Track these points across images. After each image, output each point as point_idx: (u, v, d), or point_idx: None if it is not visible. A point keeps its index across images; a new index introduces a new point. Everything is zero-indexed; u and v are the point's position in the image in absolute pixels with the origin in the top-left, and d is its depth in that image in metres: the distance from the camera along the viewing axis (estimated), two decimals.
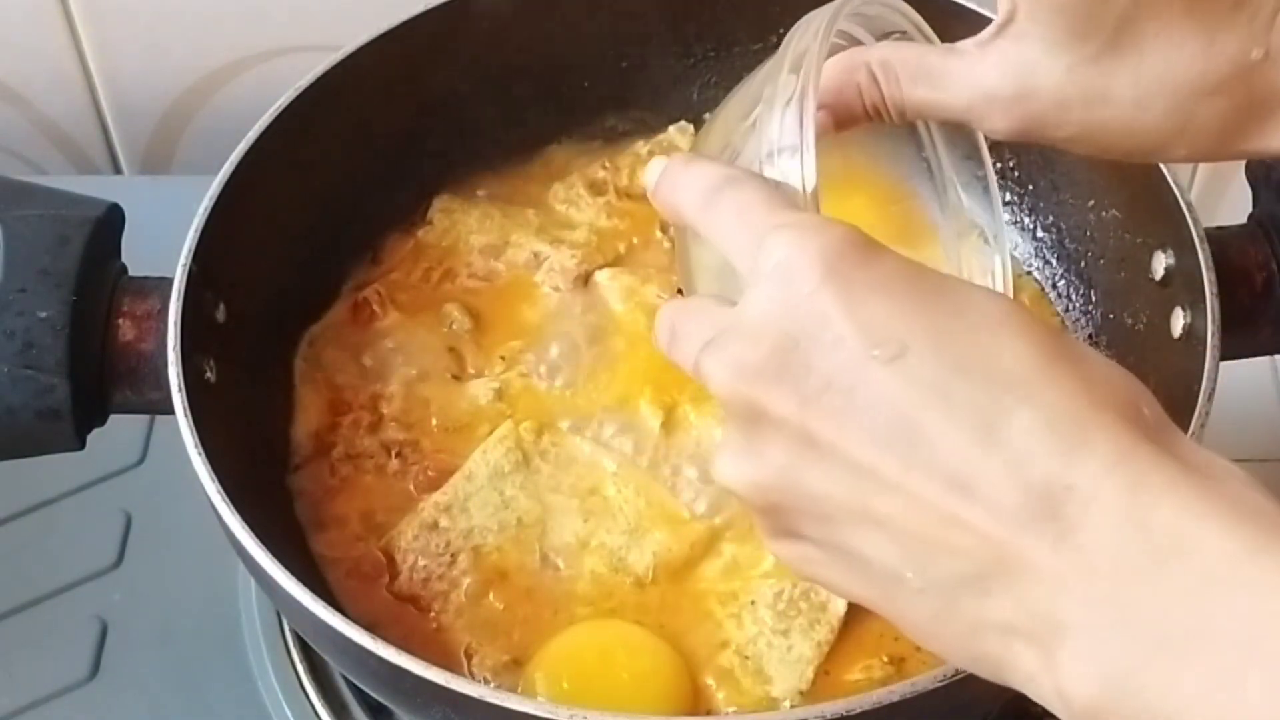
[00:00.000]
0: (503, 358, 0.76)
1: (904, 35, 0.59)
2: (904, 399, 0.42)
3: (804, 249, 0.45)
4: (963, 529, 0.41)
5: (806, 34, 0.53)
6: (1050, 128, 0.56)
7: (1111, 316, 0.77)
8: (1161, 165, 0.70)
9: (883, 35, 0.59)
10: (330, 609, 0.59)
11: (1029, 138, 0.57)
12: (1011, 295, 0.66)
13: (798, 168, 0.51)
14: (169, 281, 0.67)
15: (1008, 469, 0.41)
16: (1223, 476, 0.41)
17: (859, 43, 0.59)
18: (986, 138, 0.62)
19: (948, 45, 0.57)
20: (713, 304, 0.49)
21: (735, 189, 0.50)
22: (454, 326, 0.78)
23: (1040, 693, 0.42)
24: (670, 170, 0.53)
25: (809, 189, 0.50)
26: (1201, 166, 1.07)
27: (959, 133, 0.63)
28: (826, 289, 0.44)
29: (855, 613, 0.66)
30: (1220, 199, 1.06)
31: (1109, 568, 0.39)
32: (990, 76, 0.56)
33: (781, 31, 0.55)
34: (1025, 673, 0.42)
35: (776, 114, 0.52)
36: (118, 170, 1.10)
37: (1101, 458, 0.40)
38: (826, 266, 0.44)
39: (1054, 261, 0.81)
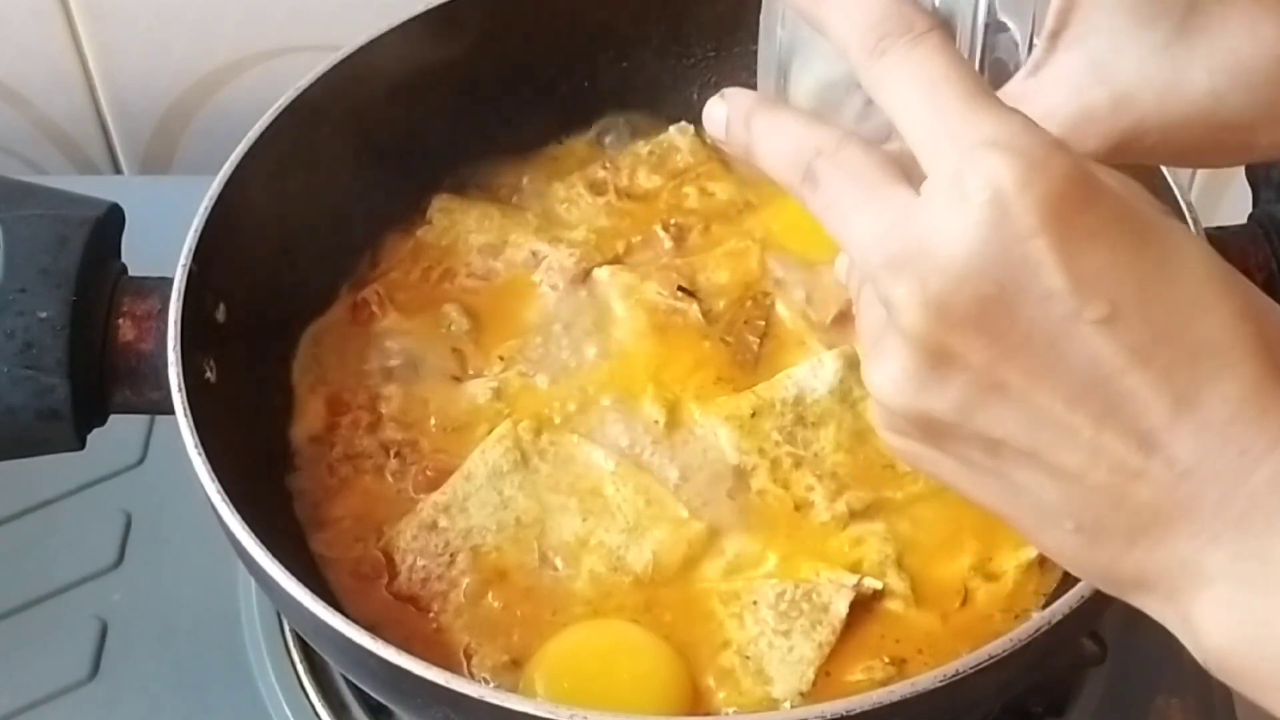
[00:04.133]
0: (501, 357, 0.76)
1: None
2: (1107, 360, 0.42)
3: (1029, 186, 0.41)
4: (1139, 486, 0.43)
5: None
6: (1130, 138, 0.53)
7: None
8: (1161, 165, 0.70)
9: None
10: (330, 609, 0.59)
11: (1119, 154, 0.53)
12: None
13: None
14: (169, 281, 0.67)
15: (1195, 434, 0.42)
16: None
17: None
18: None
19: (1004, 91, 0.54)
20: (881, 173, 0.45)
21: (918, 47, 0.45)
22: (453, 326, 0.78)
23: (1168, 623, 0.45)
24: None
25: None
26: None
27: None
28: (1045, 237, 0.41)
29: (857, 614, 0.67)
30: (1220, 199, 1.06)
31: (1263, 526, 0.42)
32: (1064, 100, 0.52)
33: None
34: (1156, 605, 0.44)
35: None
36: (118, 170, 1.10)
37: (1277, 426, 0.42)
38: (1048, 211, 0.41)
39: None
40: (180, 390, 0.64)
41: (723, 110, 0.50)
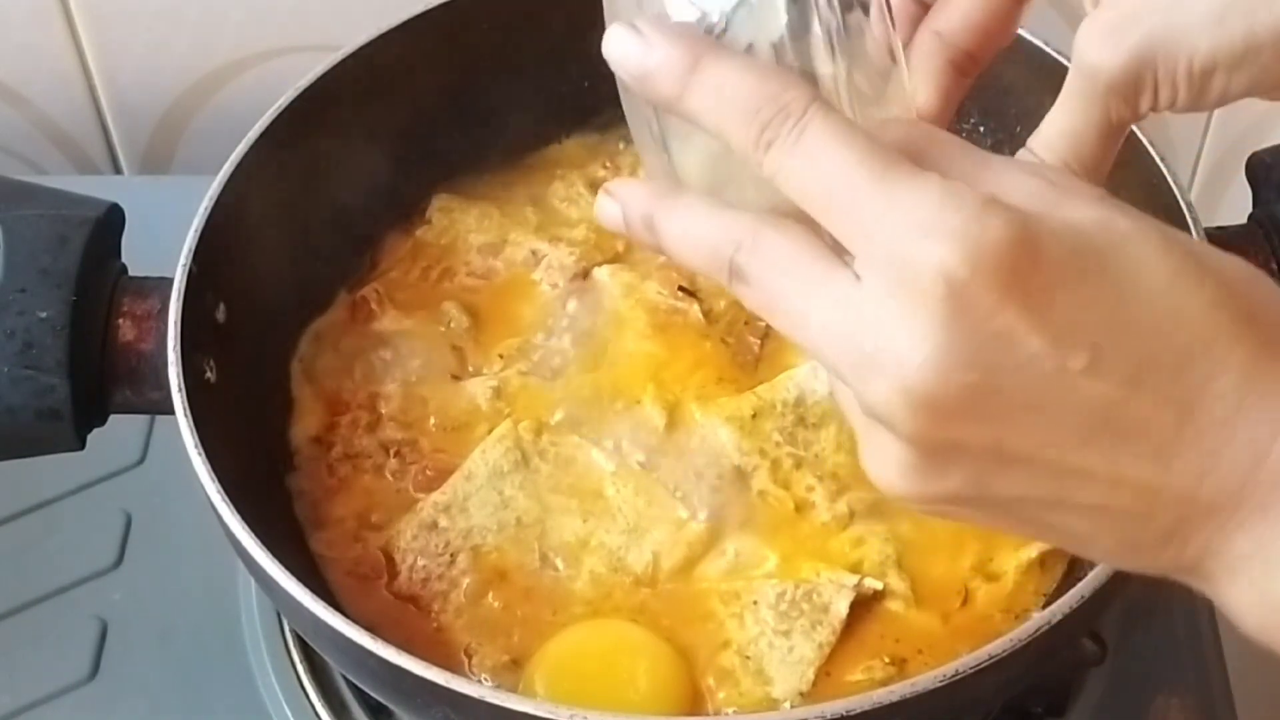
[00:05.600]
0: (501, 356, 0.76)
1: None
2: (1103, 401, 0.42)
3: (978, 266, 0.41)
4: (1163, 500, 0.43)
5: None
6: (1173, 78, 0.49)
7: None
8: (1161, 165, 0.70)
9: None
10: (330, 609, 0.59)
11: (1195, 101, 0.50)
12: None
13: None
14: (169, 281, 0.67)
15: (1204, 435, 0.43)
16: None
17: None
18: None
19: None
20: (810, 258, 0.43)
21: (805, 134, 0.43)
22: (452, 325, 0.78)
23: (1213, 599, 0.46)
24: (687, 65, 0.44)
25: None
26: (1201, 166, 1.07)
27: None
28: (1008, 309, 0.41)
29: (857, 614, 0.66)
30: (1220, 199, 1.06)
31: None
32: (1110, 58, 0.49)
33: None
34: (1198, 584, 0.46)
35: None
36: (118, 170, 1.10)
37: (1277, 404, 0.43)
38: (1004, 281, 0.41)
39: None
40: (180, 390, 0.64)
41: (616, 208, 0.47)
